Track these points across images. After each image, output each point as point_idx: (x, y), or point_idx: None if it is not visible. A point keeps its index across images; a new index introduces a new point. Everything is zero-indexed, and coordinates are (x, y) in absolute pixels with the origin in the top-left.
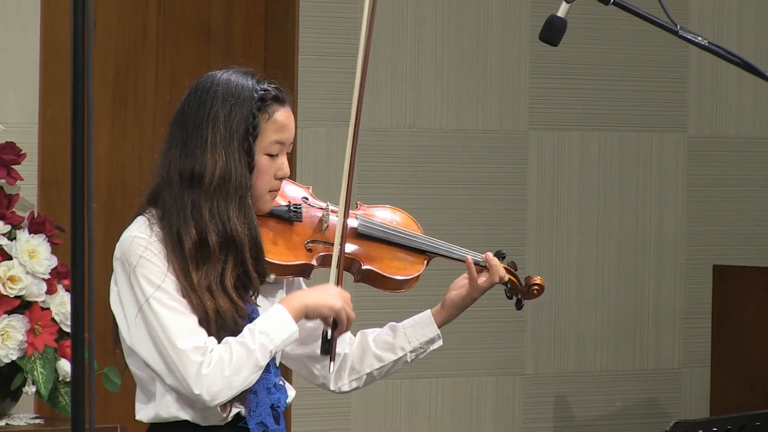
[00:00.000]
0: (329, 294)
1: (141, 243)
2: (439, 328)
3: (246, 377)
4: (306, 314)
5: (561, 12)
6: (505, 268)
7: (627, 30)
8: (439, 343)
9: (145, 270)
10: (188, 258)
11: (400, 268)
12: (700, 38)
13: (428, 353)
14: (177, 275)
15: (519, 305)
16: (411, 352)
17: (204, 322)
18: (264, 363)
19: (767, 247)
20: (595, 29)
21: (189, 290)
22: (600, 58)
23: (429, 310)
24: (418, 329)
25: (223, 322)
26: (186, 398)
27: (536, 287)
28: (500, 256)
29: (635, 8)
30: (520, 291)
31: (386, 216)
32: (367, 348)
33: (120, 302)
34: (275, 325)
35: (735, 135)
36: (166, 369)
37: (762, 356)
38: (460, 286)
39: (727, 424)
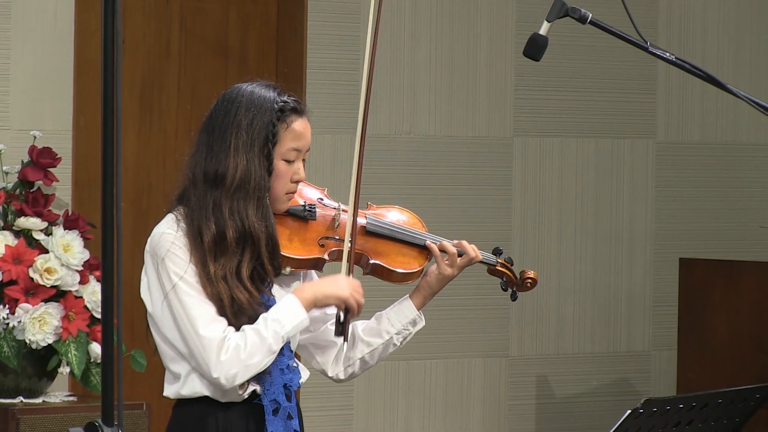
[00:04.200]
0: (338, 284)
1: (168, 238)
2: (419, 309)
3: (260, 361)
4: (315, 304)
5: (543, 30)
6: (501, 263)
7: (602, 46)
8: (422, 323)
9: (171, 262)
10: (206, 251)
11: (404, 262)
12: (667, 54)
13: (414, 334)
14: (196, 264)
15: (514, 297)
16: (396, 334)
17: (220, 309)
18: (277, 348)
19: (728, 241)
20: (574, 46)
21: (205, 280)
22: (577, 71)
23: (407, 295)
24: (400, 313)
25: (240, 308)
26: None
27: (530, 280)
28: (497, 252)
29: (609, 27)
30: (515, 284)
31: (393, 215)
32: (357, 336)
33: (149, 291)
34: (287, 313)
35: (699, 141)
36: (189, 353)
37: (723, 340)
38: (431, 271)
39: (692, 401)
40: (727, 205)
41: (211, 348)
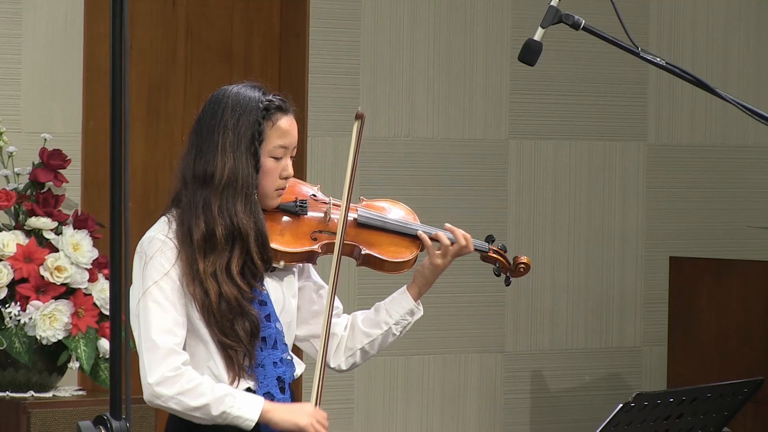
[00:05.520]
0: (302, 412)
1: (157, 244)
2: (416, 300)
3: (191, 408)
4: (271, 420)
5: (537, 36)
6: (494, 250)
7: (594, 52)
8: (420, 313)
9: (152, 268)
10: (196, 249)
11: (396, 252)
12: (658, 59)
13: (413, 324)
14: (184, 265)
15: (507, 282)
16: (395, 324)
17: (208, 307)
18: (214, 414)
19: (717, 241)
20: (567, 51)
21: (193, 277)
22: (571, 76)
23: (404, 286)
24: (397, 304)
25: (227, 305)
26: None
27: (522, 266)
28: (490, 240)
29: (602, 33)
30: (508, 269)
31: (385, 207)
32: (356, 327)
33: (132, 289)
34: (246, 403)
35: (689, 143)
36: (138, 352)
37: (712, 336)
38: (425, 261)
39: (682, 395)
40: (716, 205)
41: (155, 353)
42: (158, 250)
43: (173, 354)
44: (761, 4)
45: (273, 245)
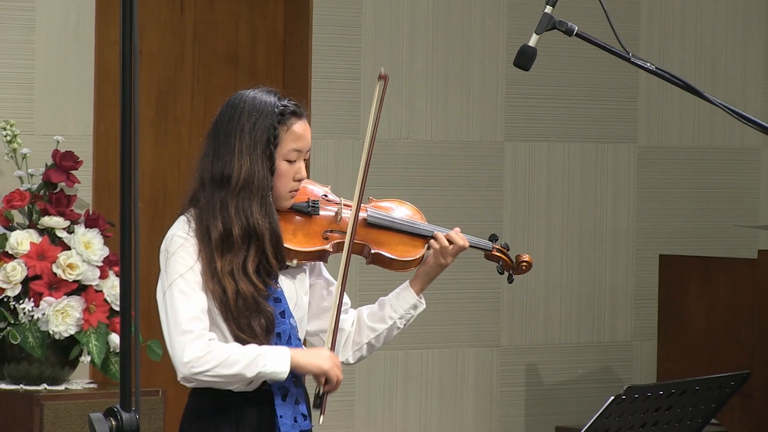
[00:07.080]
0: (321, 356)
1: (178, 241)
2: (418, 294)
3: (228, 376)
4: (299, 366)
5: (532, 42)
6: (497, 249)
7: (587, 57)
8: (423, 306)
9: (175, 262)
10: (214, 248)
11: (404, 251)
12: (648, 64)
13: (416, 317)
14: (204, 262)
15: (510, 279)
16: (399, 319)
17: (225, 304)
18: (249, 377)
19: (705, 239)
20: (561, 56)
21: (212, 275)
22: (564, 80)
23: (407, 281)
24: (401, 299)
25: (244, 302)
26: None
27: (525, 263)
28: (494, 239)
29: (594, 39)
30: (511, 267)
31: (393, 207)
32: (362, 323)
33: (159, 285)
34: (275, 358)
35: (678, 145)
36: (168, 338)
37: (700, 331)
38: (429, 258)
39: (671, 388)
40: (704, 205)
41: (186, 336)
42: (180, 246)
43: (202, 336)
44: (748, 11)
45: (286, 245)
